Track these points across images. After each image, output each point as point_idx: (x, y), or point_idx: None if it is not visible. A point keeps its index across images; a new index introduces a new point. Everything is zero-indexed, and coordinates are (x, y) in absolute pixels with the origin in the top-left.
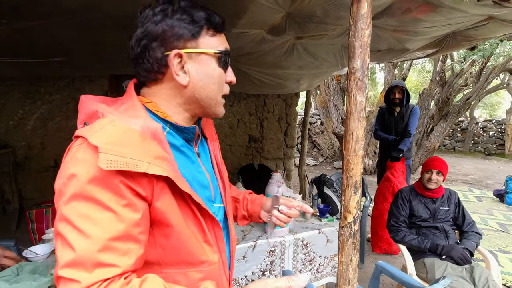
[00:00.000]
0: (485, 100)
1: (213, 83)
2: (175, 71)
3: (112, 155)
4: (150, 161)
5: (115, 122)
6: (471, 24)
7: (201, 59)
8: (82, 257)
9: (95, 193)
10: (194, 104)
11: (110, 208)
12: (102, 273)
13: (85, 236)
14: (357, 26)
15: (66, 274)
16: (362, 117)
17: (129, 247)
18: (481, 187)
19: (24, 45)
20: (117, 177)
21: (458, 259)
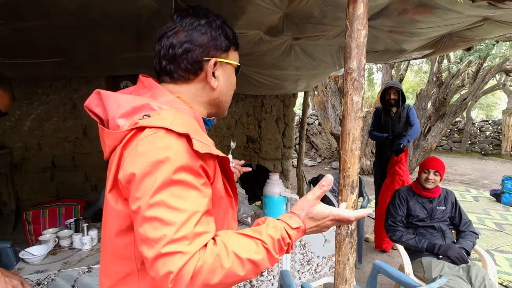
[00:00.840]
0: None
1: (232, 89)
2: (210, 75)
3: (198, 141)
4: (212, 146)
5: (179, 113)
6: (466, 25)
7: (228, 69)
8: (183, 230)
9: (183, 176)
10: (215, 105)
11: (195, 187)
12: (200, 241)
13: (181, 212)
14: (353, 26)
15: (170, 249)
16: (359, 117)
17: (211, 216)
18: (478, 187)
19: (22, 46)
20: (198, 160)
21: (455, 258)
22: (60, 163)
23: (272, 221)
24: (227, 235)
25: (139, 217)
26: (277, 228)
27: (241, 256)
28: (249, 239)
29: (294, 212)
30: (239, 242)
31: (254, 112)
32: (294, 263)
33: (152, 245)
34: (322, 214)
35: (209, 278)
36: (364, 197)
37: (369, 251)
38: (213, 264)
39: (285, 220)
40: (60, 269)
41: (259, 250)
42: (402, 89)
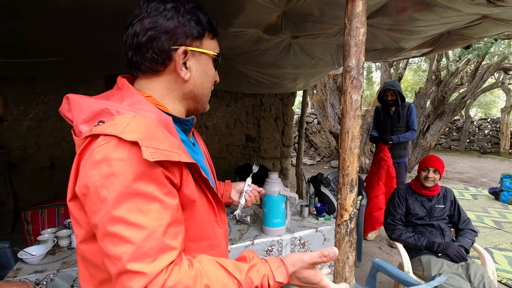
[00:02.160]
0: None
1: (209, 81)
2: (180, 66)
3: (150, 148)
4: (176, 151)
5: (137, 118)
6: (465, 23)
7: (202, 59)
8: (144, 247)
9: (141, 188)
10: (190, 99)
11: (156, 198)
12: (166, 258)
13: (141, 228)
14: (352, 24)
15: (131, 267)
16: (358, 115)
17: (177, 229)
18: (476, 185)
19: (19, 45)
20: (158, 168)
21: (454, 256)
22: (59, 163)
23: (259, 263)
24: (207, 262)
25: (99, 232)
26: (260, 274)
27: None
28: (227, 276)
29: (284, 264)
30: (216, 276)
31: (253, 111)
32: None
33: (113, 262)
34: (310, 280)
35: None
36: (363, 196)
37: (368, 249)
38: (186, 286)
39: (272, 268)
40: (59, 269)
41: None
42: (400, 89)
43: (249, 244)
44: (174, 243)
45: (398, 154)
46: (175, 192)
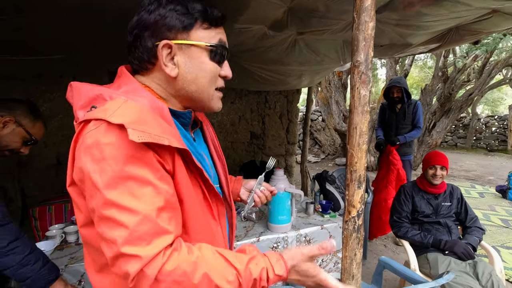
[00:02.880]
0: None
1: (203, 76)
2: (163, 62)
3: (138, 131)
4: (167, 136)
5: (128, 102)
6: (474, 17)
7: (192, 52)
8: (136, 232)
9: (133, 171)
10: (185, 97)
11: (149, 182)
12: (161, 241)
13: (133, 213)
14: (361, 18)
15: (127, 250)
16: (366, 111)
17: (172, 214)
18: (483, 183)
19: (25, 43)
20: (149, 151)
21: (461, 254)
22: (65, 160)
23: (258, 256)
24: (207, 250)
25: (95, 216)
26: (259, 266)
27: (212, 279)
28: (227, 265)
29: (283, 258)
30: (215, 264)
31: (258, 108)
32: None
33: (110, 245)
34: (309, 273)
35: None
36: (369, 193)
37: (374, 247)
38: (184, 272)
39: (271, 261)
40: (67, 264)
41: (232, 281)
42: (406, 86)
43: (254, 240)
44: (169, 227)
45: (403, 151)
46: (168, 177)
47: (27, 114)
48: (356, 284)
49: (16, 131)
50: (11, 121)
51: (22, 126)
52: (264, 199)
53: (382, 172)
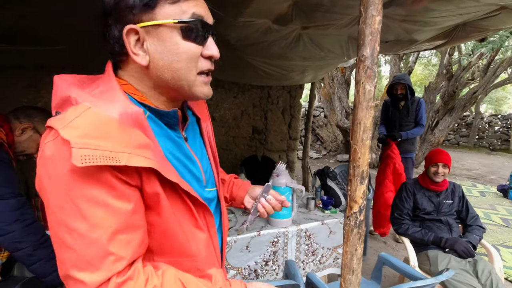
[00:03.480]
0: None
1: (176, 60)
2: (132, 51)
3: (87, 150)
4: (131, 151)
5: (90, 111)
6: (482, 14)
7: (161, 33)
8: (83, 256)
9: (85, 191)
10: (164, 87)
11: (102, 203)
12: (108, 269)
13: (81, 236)
14: (368, 12)
15: (73, 274)
16: (371, 106)
17: (131, 236)
18: (485, 182)
19: (28, 33)
20: (106, 171)
21: (462, 252)
22: None
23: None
24: (168, 279)
25: (50, 230)
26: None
27: None
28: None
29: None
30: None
31: (260, 103)
32: (299, 253)
33: (59, 265)
34: None
35: None
36: (370, 190)
37: (374, 244)
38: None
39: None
40: None
41: None
42: (410, 83)
43: (255, 235)
44: (122, 252)
45: (405, 149)
46: (129, 195)
47: (45, 122)
48: (357, 279)
49: (34, 138)
50: (29, 127)
51: (39, 133)
52: (271, 210)
53: (381, 166)
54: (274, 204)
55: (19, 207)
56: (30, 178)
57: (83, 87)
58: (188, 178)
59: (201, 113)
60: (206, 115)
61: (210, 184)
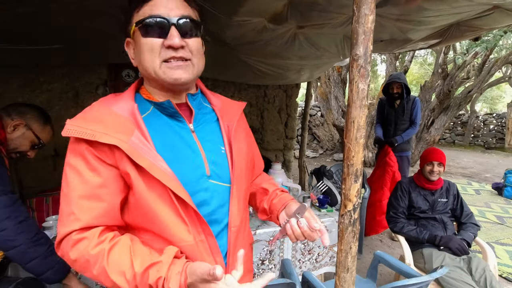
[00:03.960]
0: (486, 94)
1: (142, 55)
2: (131, 57)
3: (73, 126)
4: (108, 132)
5: (96, 105)
6: (475, 13)
7: (136, 38)
8: (62, 210)
9: (70, 159)
10: (149, 80)
11: (78, 171)
12: (68, 225)
13: (63, 194)
14: (361, 11)
15: (58, 227)
16: (364, 105)
17: (92, 205)
18: (480, 180)
19: (24, 32)
20: (83, 145)
21: (456, 249)
22: (63, 152)
23: (163, 263)
24: (118, 246)
25: None
26: (157, 274)
27: (108, 275)
28: (130, 266)
29: (185, 272)
30: (118, 261)
31: (257, 102)
32: (295, 252)
33: None
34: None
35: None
36: (366, 189)
37: (369, 242)
38: (87, 261)
39: (171, 273)
40: None
41: (129, 280)
42: (406, 82)
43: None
44: (81, 215)
45: (401, 148)
46: (101, 170)
47: (37, 118)
48: (351, 277)
49: (26, 135)
50: (21, 124)
51: (31, 130)
52: (301, 236)
53: (378, 172)
54: (304, 230)
55: (10, 204)
56: (24, 179)
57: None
58: (181, 166)
59: (227, 114)
60: (231, 118)
61: (218, 177)
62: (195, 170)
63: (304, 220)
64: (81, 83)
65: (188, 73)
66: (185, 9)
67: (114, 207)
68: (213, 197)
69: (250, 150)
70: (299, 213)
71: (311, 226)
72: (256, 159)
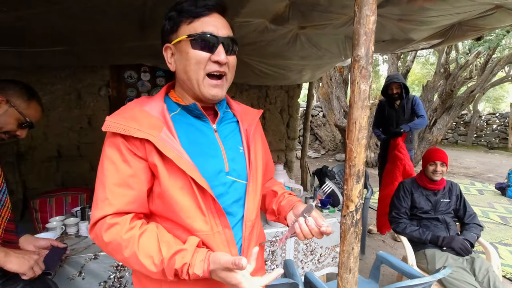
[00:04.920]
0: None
1: (188, 64)
2: (168, 61)
3: (111, 123)
4: (140, 128)
5: (129, 104)
6: (478, 13)
7: (181, 47)
8: (96, 195)
9: (106, 151)
10: (185, 86)
11: (113, 162)
12: (103, 209)
13: (99, 181)
14: (362, 12)
15: (92, 211)
16: (366, 105)
17: (124, 192)
18: (483, 180)
19: (26, 34)
20: (118, 138)
21: (459, 249)
22: (66, 153)
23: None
24: (148, 232)
25: None
26: (183, 261)
27: (139, 258)
28: (157, 251)
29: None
30: (147, 246)
31: (259, 103)
32: (298, 253)
33: None
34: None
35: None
36: (368, 189)
37: (372, 242)
38: (118, 244)
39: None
40: (67, 256)
41: (157, 265)
42: (404, 81)
43: None
44: (114, 200)
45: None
46: (132, 162)
47: (20, 94)
48: (354, 278)
49: (10, 112)
50: (2, 101)
51: (14, 107)
52: (308, 233)
53: (389, 167)
54: (312, 228)
55: None
56: (27, 180)
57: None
58: (204, 160)
59: (246, 119)
60: (250, 122)
61: (236, 174)
62: (215, 166)
63: (312, 219)
64: (84, 84)
65: (223, 91)
66: (228, 29)
67: (142, 195)
68: (230, 192)
69: (265, 154)
70: (307, 213)
71: (319, 224)
72: (269, 163)
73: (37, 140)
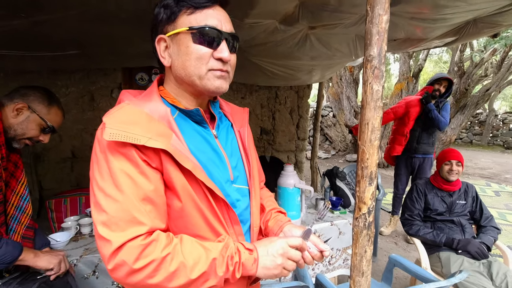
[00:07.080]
0: (505, 92)
1: (187, 59)
2: (161, 55)
3: (116, 130)
4: (151, 136)
5: (128, 106)
6: (494, 9)
7: (179, 40)
8: (114, 219)
9: (116, 165)
10: (183, 84)
11: (128, 175)
12: (132, 231)
13: (114, 200)
14: (375, 11)
15: (102, 233)
16: (379, 106)
17: (151, 208)
18: (499, 181)
19: (41, 39)
20: (131, 149)
21: (475, 253)
22: (80, 154)
23: (230, 244)
24: (186, 241)
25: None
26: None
27: (186, 265)
28: (203, 250)
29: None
30: (191, 250)
31: (268, 104)
32: None
33: (94, 227)
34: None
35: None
36: (380, 190)
37: (384, 245)
38: (163, 259)
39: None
40: (82, 255)
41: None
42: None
43: None
44: (144, 219)
45: (424, 150)
46: (150, 174)
47: (41, 100)
48: (366, 282)
49: (31, 118)
50: (24, 107)
51: (36, 112)
52: (311, 261)
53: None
54: (314, 254)
55: None
56: (43, 181)
57: (135, 95)
58: (212, 170)
59: (237, 120)
60: (243, 122)
61: (239, 181)
62: (223, 175)
63: (312, 244)
64: (97, 87)
65: (227, 84)
66: (231, 25)
67: (164, 208)
68: (239, 199)
69: (255, 155)
70: (305, 238)
71: (320, 248)
72: (259, 165)
73: (52, 141)
